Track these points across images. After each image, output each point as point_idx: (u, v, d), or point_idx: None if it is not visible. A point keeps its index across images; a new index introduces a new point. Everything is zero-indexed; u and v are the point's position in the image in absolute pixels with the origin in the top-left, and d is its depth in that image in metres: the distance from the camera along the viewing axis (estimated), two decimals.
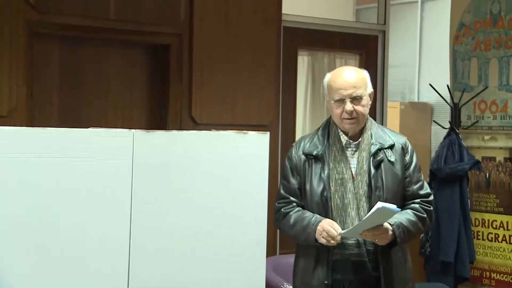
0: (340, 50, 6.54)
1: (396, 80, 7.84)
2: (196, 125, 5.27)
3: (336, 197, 3.57)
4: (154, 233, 3.56)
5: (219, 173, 3.72)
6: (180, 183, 3.63)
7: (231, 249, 3.73)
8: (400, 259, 3.63)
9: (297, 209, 3.69)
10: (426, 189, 3.70)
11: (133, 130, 3.52)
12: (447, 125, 6.39)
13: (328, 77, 3.66)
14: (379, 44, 6.83)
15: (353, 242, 3.55)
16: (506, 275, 6.15)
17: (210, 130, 3.99)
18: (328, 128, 3.70)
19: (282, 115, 6.05)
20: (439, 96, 6.63)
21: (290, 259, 5.08)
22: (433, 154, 6.52)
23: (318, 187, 3.61)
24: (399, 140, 3.68)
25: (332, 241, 3.44)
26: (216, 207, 3.70)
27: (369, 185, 3.55)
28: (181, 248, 3.62)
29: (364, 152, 3.60)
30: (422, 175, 3.75)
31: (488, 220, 6.28)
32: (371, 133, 3.64)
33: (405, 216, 3.55)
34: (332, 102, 3.59)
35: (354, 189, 3.57)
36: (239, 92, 5.48)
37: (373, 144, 3.61)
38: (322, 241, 3.47)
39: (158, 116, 5.40)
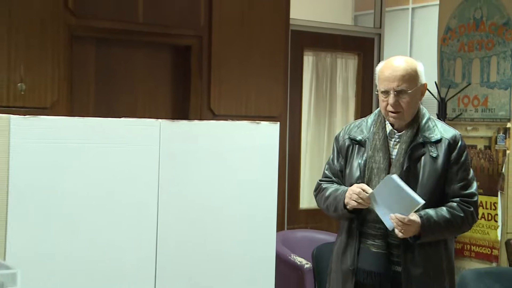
0: (341, 51, 6.55)
1: None
2: (214, 116, 5.27)
3: (370, 185, 3.07)
4: (178, 210, 3.59)
5: (235, 158, 3.75)
6: (201, 166, 3.66)
7: (246, 224, 3.76)
8: (431, 258, 3.11)
9: (335, 184, 3.29)
10: (471, 190, 3.13)
11: (159, 120, 3.55)
12: (435, 117, 6.38)
13: (379, 66, 3.21)
14: (375, 45, 6.87)
15: (377, 232, 3.11)
16: (484, 248, 6.15)
17: (226, 120, 4.01)
18: (377, 116, 3.25)
19: (290, 107, 6.06)
20: (427, 91, 6.61)
21: (297, 233, 5.13)
22: None
23: (355, 173, 3.19)
24: (448, 135, 3.15)
25: (362, 202, 3.01)
26: (232, 187, 3.74)
27: (402, 178, 3.00)
28: (202, 223, 3.65)
29: (404, 144, 3.11)
30: (471, 175, 3.17)
31: None
32: (419, 126, 3.16)
33: (438, 212, 3.04)
34: (379, 92, 3.17)
35: None
36: (252, 87, 5.49)
37: (417, 137, 3.12)
38: (352, 203, 3.04)
39: (181, 108, 5.40)
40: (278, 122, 3.93)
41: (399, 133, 3.16)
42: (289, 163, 6.02)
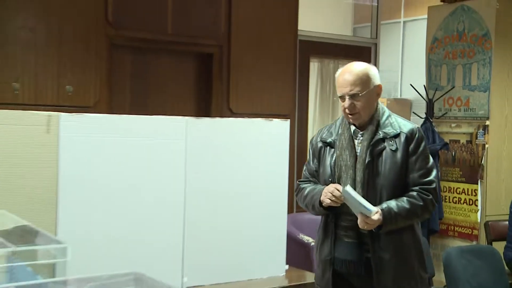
0: (342, 58, 6.52)
1: (384, 81, 7.79)
2: (232, 114, 5.26)
3: (340, 182, 2.99)
4: (203, 196, 3.61)
5: (251, 150, 3.76)
6: (222, 157, 3.67)
7: (261, 208, 3.77)
8: (397, 244, 2.98)
9: (312, 184, 3.15)
10: (429, 177, 2.98)
11: (186, 117, 3.56)
12: (423, 116, 6.37)
13: (336, 74, 3.09)
14: (372, 53, 6.88)
15: (349, 224, 2.99)
16: (465, 228, 6.14)
17: (243, 118, 4.02)
18: (343, 118, 3.12)
19: (298, 107, 6.07)
20: (417, 93, 6.60)
21: (304, 216, 5.12)
22: None
23: (327, 171, 3.06)
24: (406, 129, 3.00)
25: (335, 200, 2.89)
26: (249, 176, 3.75)
27: (366, 172, 2.94)
28: (223, 206, 3.66)
29: (365, 141, 2.98)
30: (430, 164, 3.01)
31: (453, 187, 6.26)
32: (378, 123, 3.02)
33: (398, 203, 2.90)
34: (338, 97, 3.06)
35: (354, 176, 2.97)
36: (265, 89, 5.48)
37: (377, 133, 2.99)
38: (327, 201, 2.91)
39: (204, 107, 5.40)
40: (288, 119, 3.94)
41: (362, 132, 3.03)
42: (297, 155, 6.01)
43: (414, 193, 2.94)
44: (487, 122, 6.01)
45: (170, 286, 1.19)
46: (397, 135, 2.98)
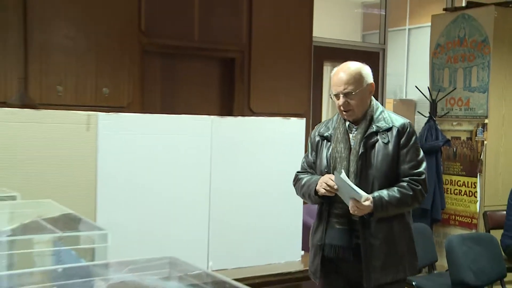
0: None
1: (390, 83, 7.79)
2: (253, 113, 5.26)
3: (335, 172, 2.88)
4: (226, 188, 3.62)
5: (269, 146, 3.76)
6: (243, 152, 3.68)
7: (279, 199, 3.77)
8: (387, 231, 2.90)
9: (309, 174, 3.09)
10: (419, 169, 2.92)
11: (211, 116, 3.57)
12: (427, 115, 6.35)
13: (332, 73, 3.02)
14: (380, 58, 6.85)
15: (341, 212, 2.92)
16: (466, 218, 6.12)
17: (263, 116, 4.03)
18: (338, 114, 3.03)
19: (312, 107, 6.06)
20: (421, 94, 6.58)
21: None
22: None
23: (323, 163, 3.00)
24: (398, 123, 2.93)
25: (329, 189, 2.84)
26: (268, 169, 3.75)
27: (359, 163, 2.88)
28: (245, 198, 3.67)
29: (359, 134, 2.91)
30: (421, 157, 2.96)
31: (455, 180, 6.24)
32: (371, 118, 2.95)
33: (389, 192, 2.83)
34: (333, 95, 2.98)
35: (348, 166, 2.90)
36: (283, 90, 5.47)
37: (370, 127, 2.92)
38: (321, 191, 2.86)
39: (227, 107, 5.41)
40: (304, 118, 3.94)
41: (356, 126, 2.96)
42: None
43: (405, 184, 2.87)
44: (486, 121, 5.99)
45: (201, 269, 1.21)
46: (389, 129, 2.90)
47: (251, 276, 3.46)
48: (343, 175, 2.78)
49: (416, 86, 6.74)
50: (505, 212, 5.21)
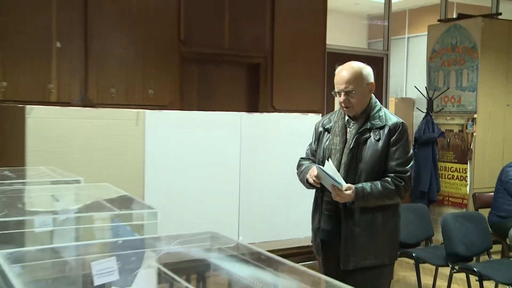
0: None
1: (393, 84, 7.72)
2: (275, 110, 5.23)
3: (325, 162, 2.68)
4: (253, 174, 3.63)
5: (290, 137, 3.75)
6: (269, 145, 3.68)
7: (298, 183, 3.75)
8: (368, 220, 2.68)
9: (310, 162, 2.90)
10: (405, 167, 2.66)
11: (240, 113, 3.58)
12: (425, 111, 6.31)
13: (336, 71, 2.84)
14: (384, 62, 6.78)
15: (329, 199, 2.71)
16: (457, 199, 6.08)
17: (284, 113, 4.02)
18: (340, 109, 2.83)
19: (326, 104, 6.01)
20: (419, 93, 6.52)
21: None
22: (415, 129, 6.43)
23: (320, 153, 2.81)
24: (391, 122, 2.70)
25: (315, 179, 2.69)
26: (288, 158, 3.72)
27: (349, 156, 2.67)
28: (270, 182, 3.67)
29: (354, 130, 2.71)
30: (409, 155, 2.69)
31: (448, 167, 6.19)
32: (368, 115, 2.72)
33: (372, 185, 2.63)
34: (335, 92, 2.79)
35: (340, 158, 2.70)
36: (301, 90, 5.45)
37: (366, 124, 2.70)
38: (310, 180, 2.72)
39: (253, 105, 5.39)
40: (320, 114, 3.93)
41: (354, 121, 2.74)
42: None
43: (389, 179, 2.64)
44: (475, 116, 5.94)
45: (238, 242, 1.22)
46: (382, 127, 2.68)
47: (275, 249, 3.44)
48: (328, 165, 2.63)
49: (415, 86, 6.69)
50: (491, 193, 5.16)
